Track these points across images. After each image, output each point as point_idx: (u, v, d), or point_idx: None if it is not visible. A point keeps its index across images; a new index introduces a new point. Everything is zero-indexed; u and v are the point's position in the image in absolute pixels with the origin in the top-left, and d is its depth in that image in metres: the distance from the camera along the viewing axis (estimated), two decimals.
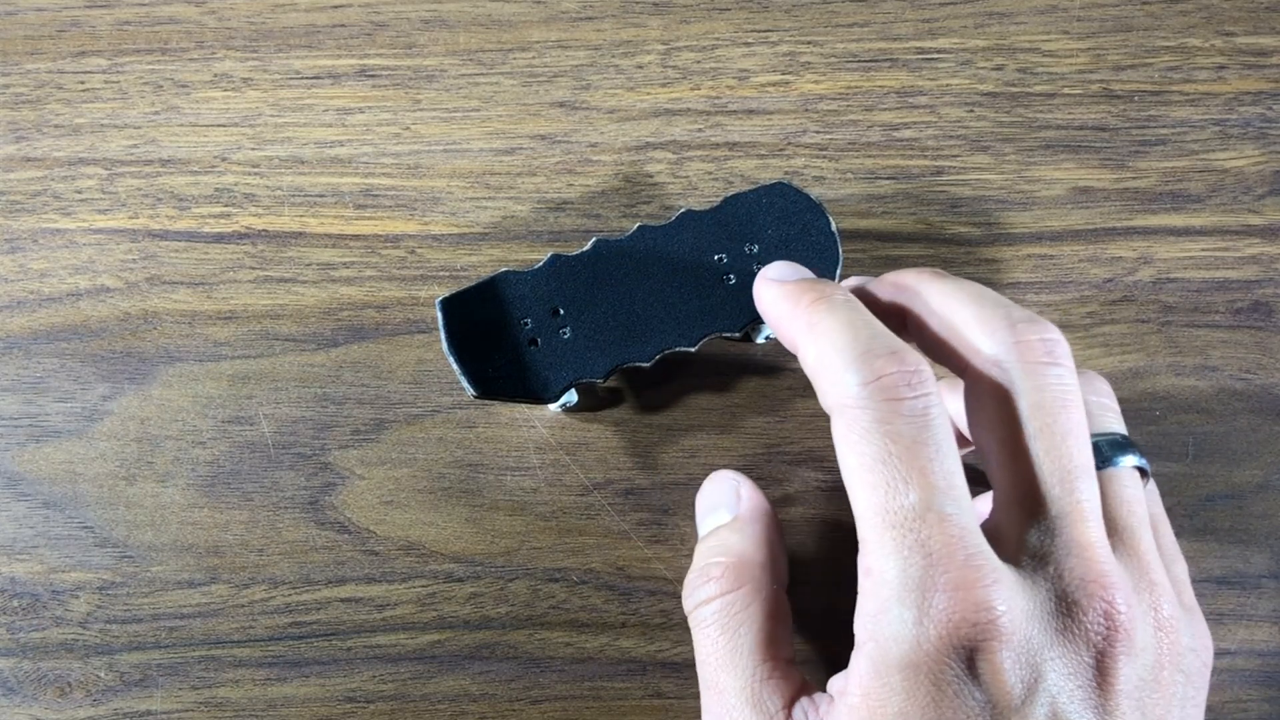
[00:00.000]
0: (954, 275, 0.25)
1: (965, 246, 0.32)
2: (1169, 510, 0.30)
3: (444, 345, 0.28)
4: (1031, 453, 0.22)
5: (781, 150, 0.32)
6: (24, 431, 0.31)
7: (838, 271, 0.28)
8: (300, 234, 0.32)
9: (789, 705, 0.23)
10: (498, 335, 0.28)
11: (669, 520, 0.30)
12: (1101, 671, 0.21)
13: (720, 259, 0.28)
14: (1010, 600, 0.21)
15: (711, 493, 0.28)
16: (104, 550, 0.30)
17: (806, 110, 0.32)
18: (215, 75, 0.32)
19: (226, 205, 0.32)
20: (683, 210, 0.29)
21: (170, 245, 0.32)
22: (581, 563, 0.30)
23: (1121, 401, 0.31)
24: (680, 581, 0.30)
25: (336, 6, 0.33)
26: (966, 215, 0.32)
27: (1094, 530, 0.22)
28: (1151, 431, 0.31)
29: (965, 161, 0.32)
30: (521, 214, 0.32)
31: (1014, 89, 0.32)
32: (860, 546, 0.22)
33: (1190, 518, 0.30)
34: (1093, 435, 0.24)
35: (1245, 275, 0.31)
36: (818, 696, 0.23)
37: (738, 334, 0.29)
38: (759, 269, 0.28)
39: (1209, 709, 0.30)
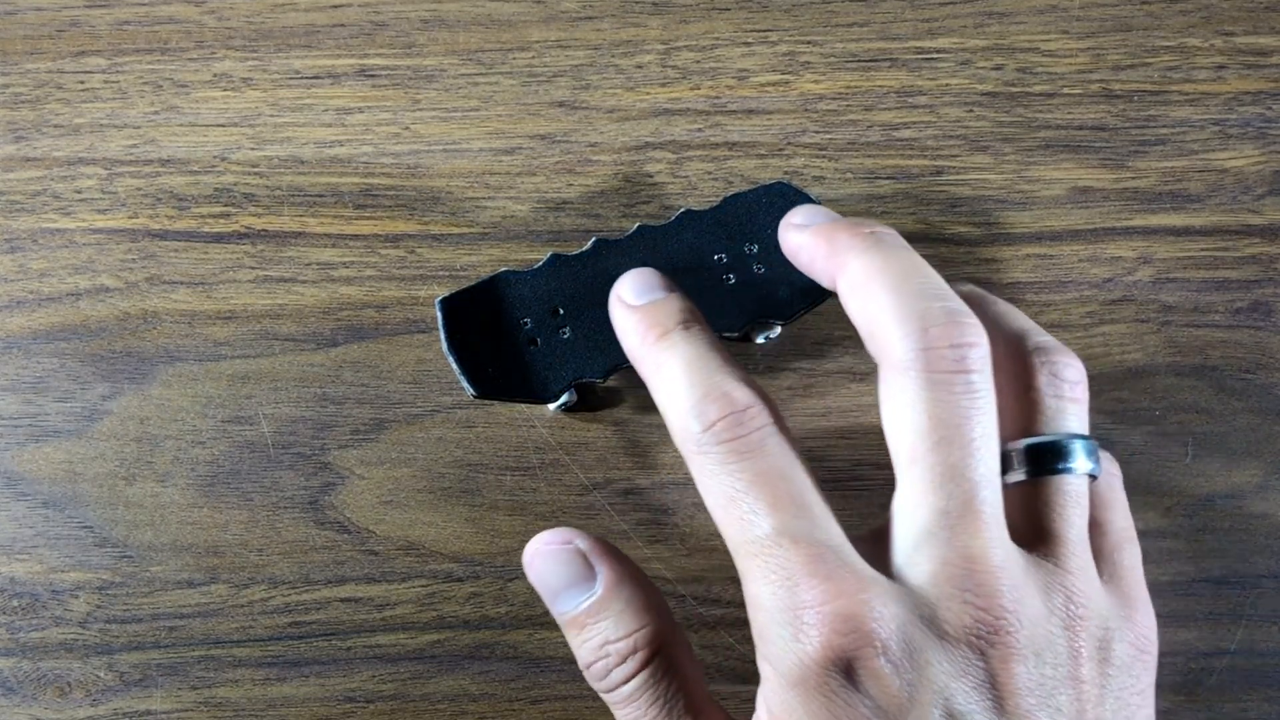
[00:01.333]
0: (891, 244, 0.24)
1: (965, 246, 0.32)
2: (1169, 510, 0.30)
3: (444, 345, 0.28)
4: (930, 464, 0.22)
5: (781, 150, 0.32)
6: (24, 431, 0.31)
7: None
8: (300, 234, 0.32)
9: None
10: (497, 335, 0.28)
11: (669, 520, 0.30)
12: (993, 673, 0.21)
13: (720, 259, 0.28)
14: (881, 609, 0.21)
15: (553, 570, 0.25)
16: (104, 550, 0.30)
17: (806, 110, 0.32)
18: (215, 75, 0.32)
19: (226, 205, 0.32)
20: (682, 210, 0.29)
21: (170, 245, 0.32)
22: None
23: (1121, 401, 0.31)
24: (680, 581, 0.30)
25: (336, 6, 0.33)
26: (966, 215, 0.32)
27: (985, 539, 0.22)
28: (1151, 431, 0.31)
29: (965, 161, 0.32)
30: (521, 214, 0.32)
31: (1013, 89, 0.32)
32: (740, 577, 0.23)
33: (1190, 518, 0.30)
34: (1041, 435, 0.24)
35: (1245, 275, 0.31)
36: None
37: (737, 334, 0.29)
38: (759, 269, 0.28)
39: (1209, 709, 0.30)
